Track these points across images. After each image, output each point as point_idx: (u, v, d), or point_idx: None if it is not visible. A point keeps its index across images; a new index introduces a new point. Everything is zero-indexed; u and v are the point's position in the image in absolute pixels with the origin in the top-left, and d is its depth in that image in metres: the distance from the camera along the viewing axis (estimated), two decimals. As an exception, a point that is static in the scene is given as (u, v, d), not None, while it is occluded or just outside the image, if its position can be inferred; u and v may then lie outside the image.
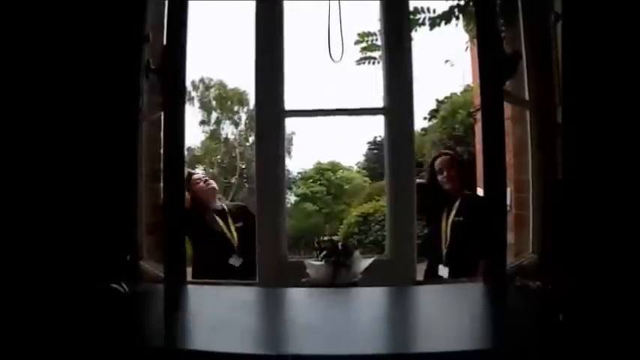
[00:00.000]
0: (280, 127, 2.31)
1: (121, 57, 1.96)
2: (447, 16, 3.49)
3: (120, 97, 1.97)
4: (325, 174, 16.20)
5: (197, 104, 20.07)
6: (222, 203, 3.51)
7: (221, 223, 3.33)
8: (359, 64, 3.57)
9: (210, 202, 3.40)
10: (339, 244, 2.09)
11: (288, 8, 2.29)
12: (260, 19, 2.27)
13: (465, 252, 2.95)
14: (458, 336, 1.36)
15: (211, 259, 3.24)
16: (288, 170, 15.26)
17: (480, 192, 2.31)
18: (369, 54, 3.53)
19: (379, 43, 2.67)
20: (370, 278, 2.01)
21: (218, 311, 1.70)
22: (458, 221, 3.13)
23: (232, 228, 3.32)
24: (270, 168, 2.30)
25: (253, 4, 2.28)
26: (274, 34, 2.27)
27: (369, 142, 19.28)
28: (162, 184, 2.07)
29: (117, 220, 1.98)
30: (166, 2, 2.02)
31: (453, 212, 3.17)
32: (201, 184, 3.39)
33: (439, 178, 3.25)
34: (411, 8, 3.17)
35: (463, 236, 3.07)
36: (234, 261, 3.20)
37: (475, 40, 2.15)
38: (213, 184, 3.48)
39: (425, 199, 3.10)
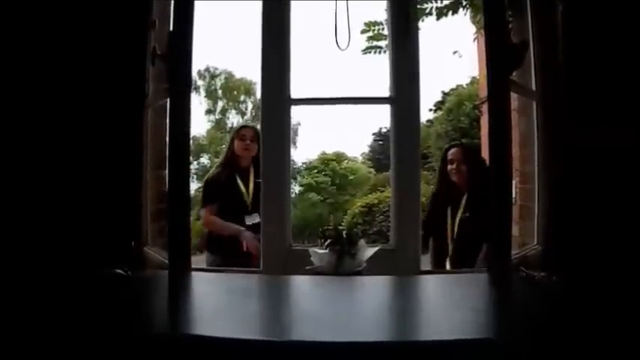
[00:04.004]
0: (286, 117, 2.30)
1: (127, 43, 1.96)
2: (454, 7, 3.46)
3: (125, 83, 1.97)
4: (330, 164, 16.16)
5: (203, 93, 20.05)
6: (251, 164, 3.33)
7: (240, 182, 3.26)
8: (365, 53, 3.55)
9: (241, 160, 3.30)
10: (344, 232, 2.09)
11: (294, -3, 2.28)
12: (267, 7, 2.26)
13: (472, 248, 2.94)
14: (461, 325, 1.36)
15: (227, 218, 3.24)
16: (293, 160, 15.24)
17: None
18: (375, 43, 3.50)
19: (386, 32, 2.65)
20: (374, 267, 2.02)
21: (222, 298, 1.70)
22: (465, 218, 3.14)
23: (251, 185, 3.24)
24: (275, 158, 2.30)
25: (260, -7, 2.27)
26: (281, 23, 2.27)
27: (374, 134, 19.25)
28: (167, 172, 2.08)
29: (122, 206, 1.99)
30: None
31: (461, 209, 3.17)
32: (239, 141, 3.30)
33: (448, 168, 3.25)
34: (418, -3, 3.14)
35: (470, 233, 3.04)
36: (250, 219, 3.14)
37: (482, 31, 2.13)
38: (251, 146, 3.26)
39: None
